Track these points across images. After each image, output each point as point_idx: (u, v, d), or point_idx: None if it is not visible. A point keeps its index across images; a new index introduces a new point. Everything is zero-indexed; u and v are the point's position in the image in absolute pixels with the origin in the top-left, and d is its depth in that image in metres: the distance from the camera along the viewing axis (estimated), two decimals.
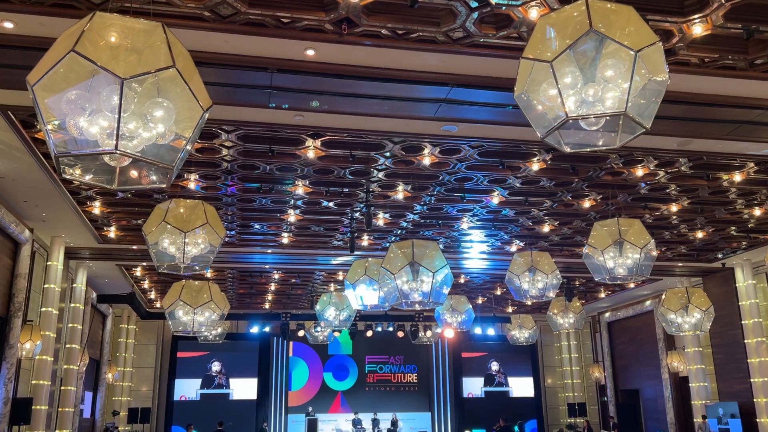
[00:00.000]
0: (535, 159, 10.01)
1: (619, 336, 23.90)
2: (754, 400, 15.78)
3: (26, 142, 8.85)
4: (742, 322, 16.38)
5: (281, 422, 24.46)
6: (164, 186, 3.83)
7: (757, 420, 15.65)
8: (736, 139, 8.89)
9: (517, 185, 11.16)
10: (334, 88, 7.44)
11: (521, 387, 26.55)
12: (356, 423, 23.72)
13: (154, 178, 3.78)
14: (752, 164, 10.25)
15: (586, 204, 12.14)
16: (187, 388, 24.15)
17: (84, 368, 17.11)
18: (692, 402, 18.18)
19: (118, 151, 3.35)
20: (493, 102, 7.81)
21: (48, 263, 13.62)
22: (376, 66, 7.05)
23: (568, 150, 4.12)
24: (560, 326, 17.64)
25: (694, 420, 18.01)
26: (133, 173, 3.76)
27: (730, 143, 9.17)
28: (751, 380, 15.94)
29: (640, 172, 10.56)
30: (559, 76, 3.72)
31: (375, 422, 23.76)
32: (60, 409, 15.26)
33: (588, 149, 4.17)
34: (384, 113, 8.13)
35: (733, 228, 13.85)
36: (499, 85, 7.27)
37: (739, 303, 16.50)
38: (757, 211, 12.62)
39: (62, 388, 15.36)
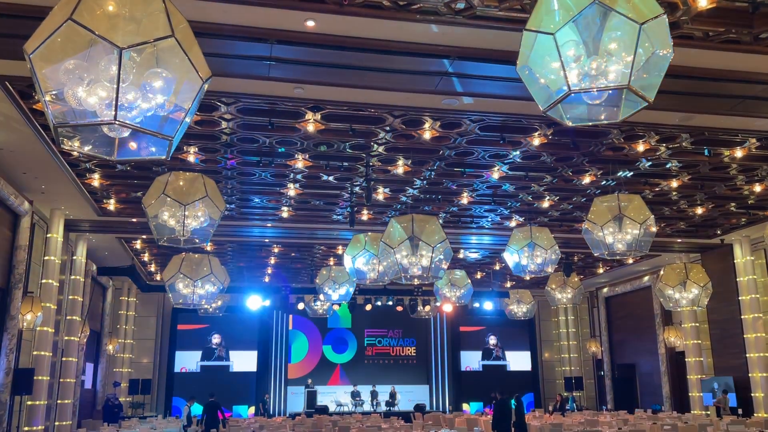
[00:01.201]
0: (536, 134, 9.96)
1: (617, 311, 24.05)
2: (750, 374, 15.94)
3: (24, 113, 8.79)
4: (740, 298, 16.46)
5: (281, 394, 24.71)
6: (163, 158, 3.81)
7: (752, 394, 15.83)
8: (739, 114, 8.84)
9: (518, 160, 11.12)
10: (334, 59, 7.36)
11: (519, 361, 26.81)
12: (355, 395, 23.98)
13: (153, 149, 3.76)
14: (754, 140, 10.20)
15: (587, 179, 12.11)
16: (188, 360, 24.37)
17: (85, 340, 17.23)
18: (688, 376, 18.35)
19: (117, 122, 3.32)
20: (495, 75, 7.74)
21: (48, 235, 13.63)
22: (377, 38, 6.97)
23: (569, 124, 4.08)
24: (558, 301, 17.77)
25: (690, 394, 18.21)
26: (132, 145, 3.73)
27: (732, 119, 9.12)
28: (747, 355, 16.08)
29: (641, 147, 10.52)
30: (561, 48, 3.66)
31: (374, 394, 24.02)
32: (61, 380, 15.39)
33: (590, 123, 4.14)
34: (384, 86, 8.06)
35: (733, 204, 13.84)
36: (501, 58, 7.20)
37: (737, 279, 16.57)
38: (758, 188, 12.60)
39: (63, 359, 15.48)
